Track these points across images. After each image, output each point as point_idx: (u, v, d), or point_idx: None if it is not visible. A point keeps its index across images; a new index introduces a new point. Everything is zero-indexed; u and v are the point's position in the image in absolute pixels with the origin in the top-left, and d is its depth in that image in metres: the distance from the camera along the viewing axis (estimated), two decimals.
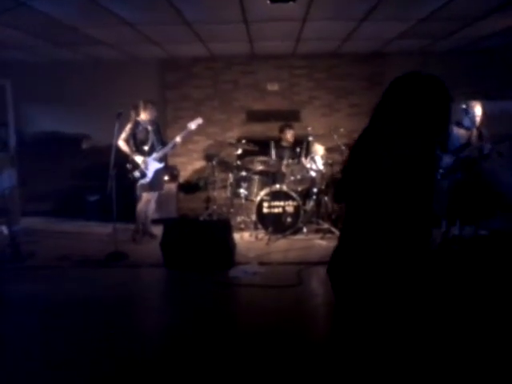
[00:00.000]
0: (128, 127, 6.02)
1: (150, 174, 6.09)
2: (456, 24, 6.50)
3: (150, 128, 6.17)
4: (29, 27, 6.20)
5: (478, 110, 5.46)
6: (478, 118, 5.45)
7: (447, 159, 5.47)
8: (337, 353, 2.25)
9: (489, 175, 5.93)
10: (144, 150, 6.10)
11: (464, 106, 5.58)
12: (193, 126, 6.22)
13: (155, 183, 6.20)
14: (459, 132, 5.54)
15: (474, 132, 5.52)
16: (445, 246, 5.46)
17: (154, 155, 6.13)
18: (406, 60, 8.48)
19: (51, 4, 5.29)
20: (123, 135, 5.96)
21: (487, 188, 5.84)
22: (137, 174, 6.05)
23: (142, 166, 6.05)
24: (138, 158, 6.05)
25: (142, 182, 6.10)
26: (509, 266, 4.82)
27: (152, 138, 6.17)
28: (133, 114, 6.06)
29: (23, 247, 5.72)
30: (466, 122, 5.50)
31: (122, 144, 5.97)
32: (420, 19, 6.20)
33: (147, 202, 6.28)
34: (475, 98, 6.39)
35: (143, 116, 6.10)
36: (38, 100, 8.61)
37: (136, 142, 6.09)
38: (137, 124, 6.08)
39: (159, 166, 6.19)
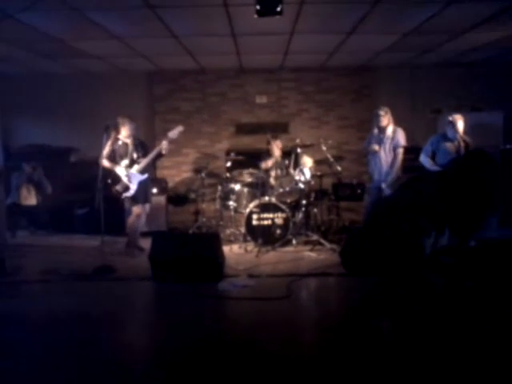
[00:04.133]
0: (108, 144, 5.97)
1: (133, 186, 6.04)
2: (442, 37, 6.60)
3: (129, 142, 6.14)
4: (16, 40, 6.20)
5: (460, 122, 5.59)
6: (460, 130, 5.58)
7: None
8: None
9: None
10: (124, 164, 6.06)
11: (449, 119, 5.72)
12: (172, 134, 6.08)
13: (140, 195, 6.15)
14: (446, 145, 5.66)
15: (461, 143, 5.63)
16: (434, 256, 5.47)
17: (136, 167, 6.08)
18: (394, 73, 8.60)
19: (38, 17, 5.30)
20: (104, 153, 5.92)
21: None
22: (119, 188, 6.01)
23: (125, 180, 6.01)
24: (122, 172, 6.02)
25: (126, 195, 6.06)
26: (498, 276, 4.84)
27: (132, 152, 6.12)
28: (113, 132, 6.02)
29: (9, 261, 5.64)
30: (450, 133, 5.64)
31: (104, 161, 5.91)
32: (406, 32, 6.29)
33: (138, 216, 6.23)
34: (462, 110, 6.49)
35: (123, 132, 6.08)
36: (24, 113, 8.57)
37: (115, 157, 6.06)
38: (116, 140, 6.05)
39: (142, 177, 6.11)
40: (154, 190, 7.59)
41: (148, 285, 5.06)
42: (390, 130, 6.36)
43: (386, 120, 6.34)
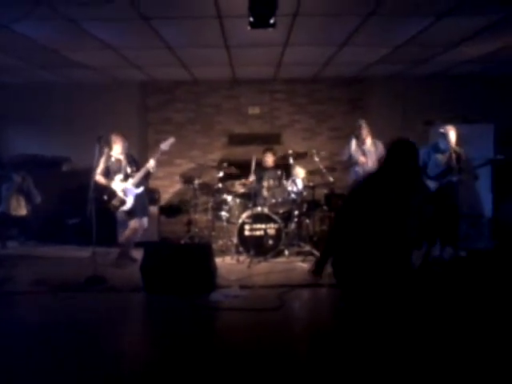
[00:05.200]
0: (101, 161, 6.00)
1: (129, 200, 6.05)
2: (434, 50, 6.68)
3: (122, 158, 6.16)
4: (9, 49, 6.20)
5: (452, 133, 5.63)
6: (452, 141, 5.61)
7: (431, 185, 5.59)
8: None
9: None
10: (118, 179, 6.07)
11: (441, 130, 5.75)
12: (164, 146, 6.13)
13: (137, 209, 6.15)
14: (437, 156, 5.69)
15: (453, 155, 5.65)
16: (425, 267, 5.49)
17: (131, 181, 6.09)
18: (386, 85, 8.67)
19: (33, 27, 5.31)
20: (98, 170, 5.93)
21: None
22: (115, 202, 6.01)
23: (121, 194, 6.02)
24: (117, 187, 6.03)
25: (123, 209, 6.06)
26: (489, 287, 4.86)
27: (125, 167, 6.14)
28: (106, 148, 6.03)
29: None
30: (442, 144, 5.67)
31: (98, 177, 5.92)
32: (398, 45, 6.36)
33: (134, 230, 6.20)
34: (453, 121, 6.55)
35: (116, 149, 6.11)
36: (16, 122, 8.55)
37: (110, 173, 6.08)
38: (109, 157, 6.08)
39: (138, 191, 6.13)
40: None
41: (139, 296, 5.03)
42: (369, 142, 6.56)
43: (366, 131, 6.55)
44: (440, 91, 8.51)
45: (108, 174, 6.09)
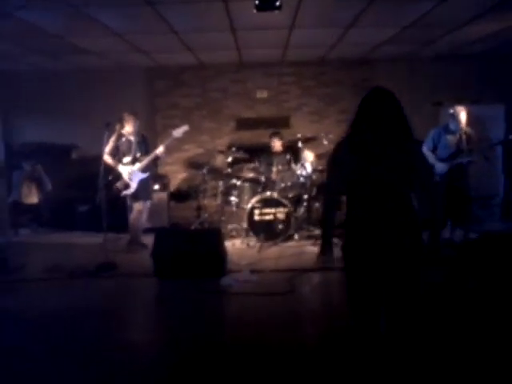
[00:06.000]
0: (111, 140, 6.03)
1: (133, 184, 6.07)
2: (442, 29, 6.56)
3: (133, 139, 6.16)
4: (15, 37, 6.17)
5: (462, 114, 5.54)
6: (463, 122, 5.54)
7: (441, 166, 5.54)
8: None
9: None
10: (126, 161, 6.09)
11: (451, 111, 5.67)
12: (177, 133, 6.15)
13: (140, 193, 6.18)
14: (447, 138, 5.63)
15: (463, 136, 5.58)
16: (435, 249, 5.47)
17: (138, 165, 6.10)
18: (393, 66, 8.55)
19: (37, 14, 5.28)
20: (107, 149, 5.95)
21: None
22: (119, 185, 6.03)
23: (126, 177, 6.04)
24: (123, 170, 6.05)
25: (126, 192, 6.09)
26: (499, 269, 4.84)
27: (135, 149, 6.14)
28: (118, 126, 6.05)
29: (12, 259, 5.66)
30: (453, 125, 5.60)
31: (106, 157, 5.96)
32: (406, 25, 6.26)
33: (139, 212, 6.25)
34: (462, 102, 6.46)
35: (127, 128, 6.11)
36: (25, 111, 8.55)
37: (119, 154, 6.09)
38: (120, 136, 6.09)
39: (143, 175, 6.15)
40: (156, 187, 7.60)
41: (151, 281, 5.08)
42: None
43: None
44: (448, 72, 8.36)
45: (117, 153, 6.11)
